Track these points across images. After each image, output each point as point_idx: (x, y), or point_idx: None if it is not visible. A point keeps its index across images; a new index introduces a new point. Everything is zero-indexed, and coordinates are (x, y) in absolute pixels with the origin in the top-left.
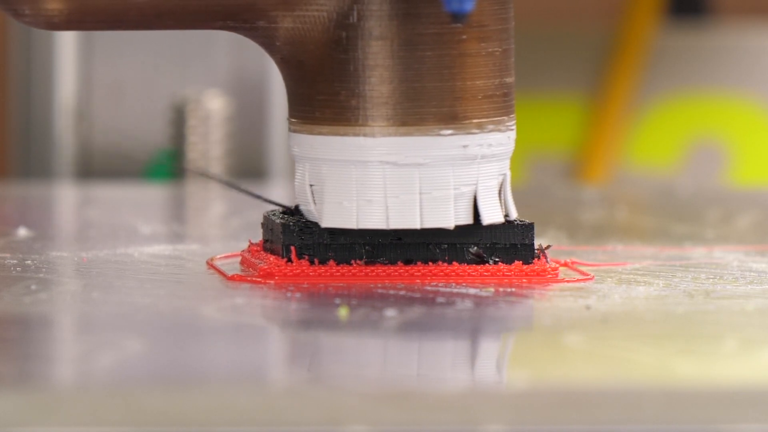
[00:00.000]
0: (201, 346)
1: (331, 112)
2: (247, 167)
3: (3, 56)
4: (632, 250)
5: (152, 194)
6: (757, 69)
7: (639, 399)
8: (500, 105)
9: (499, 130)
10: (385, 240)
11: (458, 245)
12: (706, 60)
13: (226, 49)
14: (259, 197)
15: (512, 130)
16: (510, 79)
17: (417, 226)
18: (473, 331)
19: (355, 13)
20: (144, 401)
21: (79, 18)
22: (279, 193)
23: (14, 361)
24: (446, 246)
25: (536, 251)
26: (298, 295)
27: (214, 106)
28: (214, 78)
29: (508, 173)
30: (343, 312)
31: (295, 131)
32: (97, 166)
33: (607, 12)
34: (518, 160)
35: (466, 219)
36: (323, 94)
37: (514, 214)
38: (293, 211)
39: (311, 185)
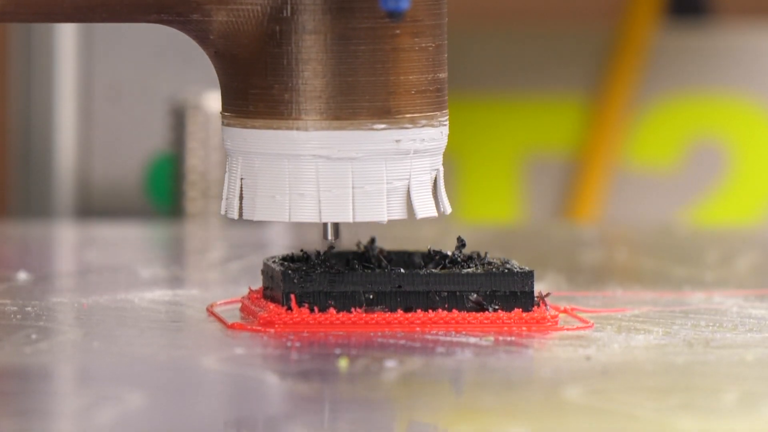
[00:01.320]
0: (201, 401)
1: (265, 106)
2: None
3: (3, 55)
4: (632, 295)
5: (152, 233)
6: (757, 69)
7: None
8: (433, 100)
9: (432, 126)
10: (385, 288)
11: (458, 293)
12: (706, 60)
13: None
14: None
15: (445, 125)
16: (443, 75)
17: (350, 220)
18: (473, 383)
19: (288, 7)
20: None
21: (12, 10)
22: (281, 235)
23: (14, 417)
24: (446, 294)
25: (536, 298)
26: (298, 344)
27: (213, 105)
28: (214, 78)
29: (441, 168)
30: (343, 363)
31: (228, 125)
32: (97, 166)
33: (607, 12)
34: (518, 160)
35: (400, 214)
36: (257, 87)
37: (448, 209)
38: (293, 258)
39: (242, 179)
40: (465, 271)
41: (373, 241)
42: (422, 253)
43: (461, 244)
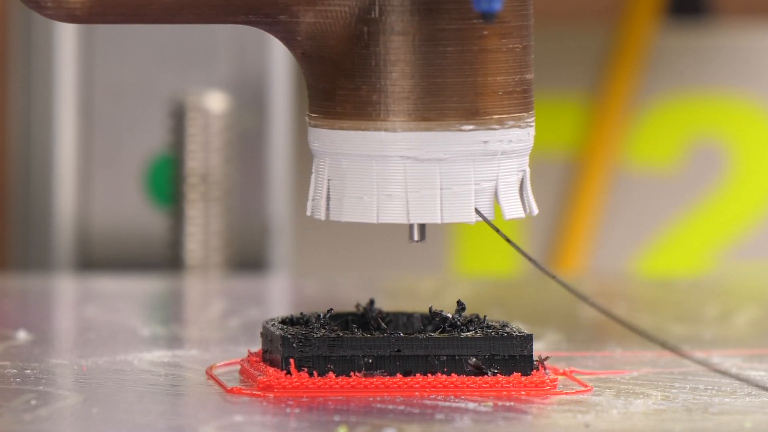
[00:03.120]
0: None
1: (352, 107)
2: (247, 168)
3: (3, 55)
4: (630, 355)
5: (151, 287)
6: (757, 69)
7: None
8: (520, 101)
9: (519, 126)
10: (384, 352)
11: (457, 357)
12: (706, 60)
13: (226, 49)
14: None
15: (532, 126)
16: (530, 76)
17: (438, 221)
18: None
19: (376, 8)
20: None
21: (101, 11)
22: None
23: None
24: (445, 358)
25: (535, 362)
26: (297, 410)
27: (214, 106)
28: (214, 78)
29: (528, 170)
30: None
31: (315, 126)
32: (97, 166)
33: (607, 12)
34: None
35: (488, 215)
36: (344, 89)
37: (535, 211)
38: (292, 320)
39: (329, 180)
40: (464, 334)
41: (372, 302)
42: (422, 314)
43: (461, 307)
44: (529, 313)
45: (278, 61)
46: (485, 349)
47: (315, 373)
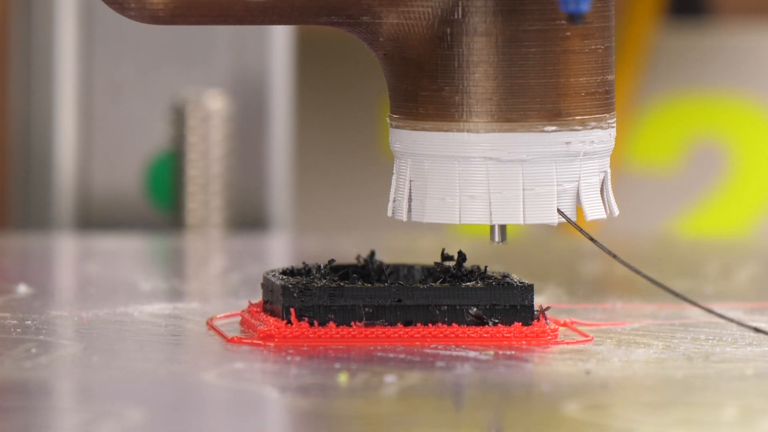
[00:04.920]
0: (201, 417)
1: (435, 108)
2: (248, 167)
3: (3, 56)
4: (631, 308)
5: (151, 246)
6: (757, 69)
7: None
8: (602, 102)
9: (601, 128)
10: (384, 302)
11: (458, 307)
12: (706, 60)
13: (226, 49)
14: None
15: (613, 127)
16: (611, 77)
17: (520, 222)
18: (472, 398)
19: (459, 9)
20: None
21: (184, 12)
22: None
23: None
24: (446, 308)
25: (536, 312)
26: (297, 358)
27: (214, 106)
28: (214, 78)
29: (609, 171)
30: (342, 378)
31: (397, 127)
32: (97, 166)
33: None
34: None
35: (569, 216)
36: (427, 90)
37: (616, 212)
38: (293, 272)
39: (411, 181)
40: (465, 285)
41: (372, 254)
42: (423, 266)
43: (462, 258)
44: (530, 269)
45: (278, 61)
46: (486, 299)
47: (315, 322)
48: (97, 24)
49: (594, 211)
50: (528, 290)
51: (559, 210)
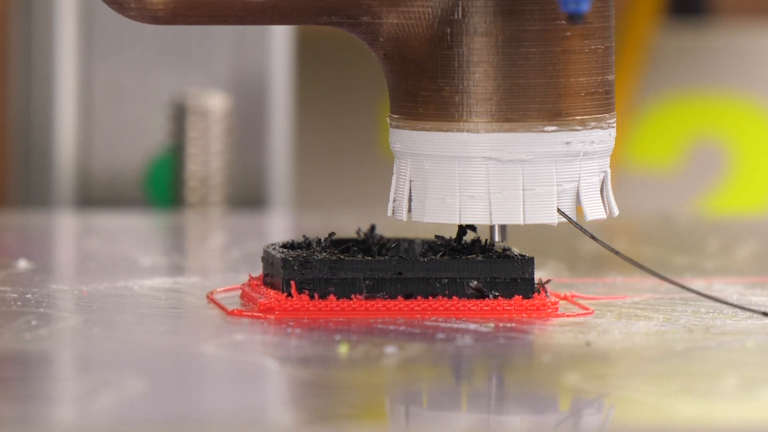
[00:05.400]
0: (201, 387)
1: (435, 108)
2: (247, 167)
3: (3, 55)
4: (632, 282)
5: (152, 223)
6: (757, 69)
7: None
8: (602, 102)
9: (601, 128)
10: (385, 274)
11: (458, 280)
12: (706, 60)
13: (226, 49)
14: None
15: (613, 127)
16: (611, 77)
17: (520, 222)
18: (473, 368)
19: (459, 9)
20: None
21: (184, 12)
22: (281, 222)
23: (15, 401)
24: (446, 280)
25: (536, 285)
26: (298, 330)
27: (214, 106)
28: (214, 78)
29: (608, 171)
30: (343, 349)
31: (397, 127)
32: (97, 165)
33: None
34: None
35: (569, 216)
36: (427, 90)
37: (616, 212)
38: (293, 245)
39: (411, 181)
40: (465, 258)
41: (373, 228)
42: (423, 240)
43: (462, 231)
44: (531, 246)
45: (278, 61)
46: (486, 271)
47: (316, 295)
48: (97, 24)
49: (594, 211)
50: (528, 263)
51: (559, 209)
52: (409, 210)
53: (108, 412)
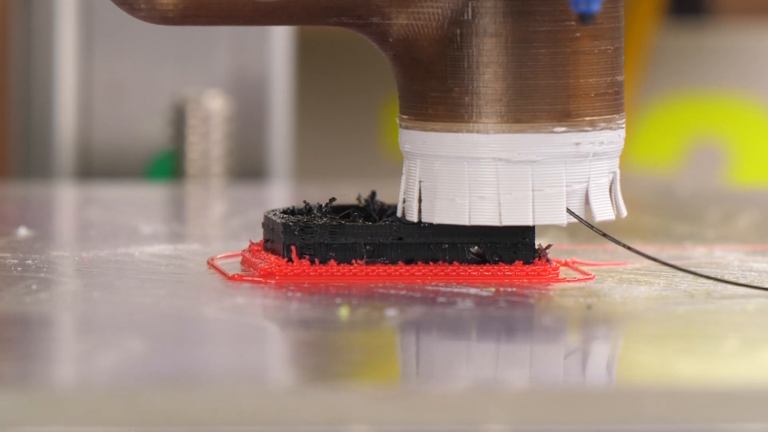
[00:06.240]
0: (202, 347)
1: (444, 109)
2: (247, 167)
3: (3, 55)
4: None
5: (153, 194)
6: (757, 69)
7: (640, 399)
8: (612, 103)
9: (611, 128)
10: (385, 240)
11: (459, 245)
12: (706, 60)
13: (226, 49)
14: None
15: (622, 128)
16: (620, 78)
17: (530, 222)
18: (473, 331)
19: (469, 10)
20: (145, 401)
21: (194, 13)
22: (281, 194)
23: (15, 361)
24: (447, 245)
25: (537, 251)
26: (298, 294)
27: (214, 106)
28: (214, 78)
29: (618, 171)
30: (343, 312)
31: (406, 128)
32: (97, 165)
33: None
34: None
35: (578, 216)
36: (436, 90)
37: (624, 212)
38: (293, 211)
39: (421, 181)
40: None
41: (373, 194)
42: None
43: None
44: None
45: (278, 61)
46: (487, 237)
47: (316, 260)
48: (97, 24)
49: (603, 211)
50: (529, 228)
51: (568, 210)
52: (419, 211)
53: (109, 371)
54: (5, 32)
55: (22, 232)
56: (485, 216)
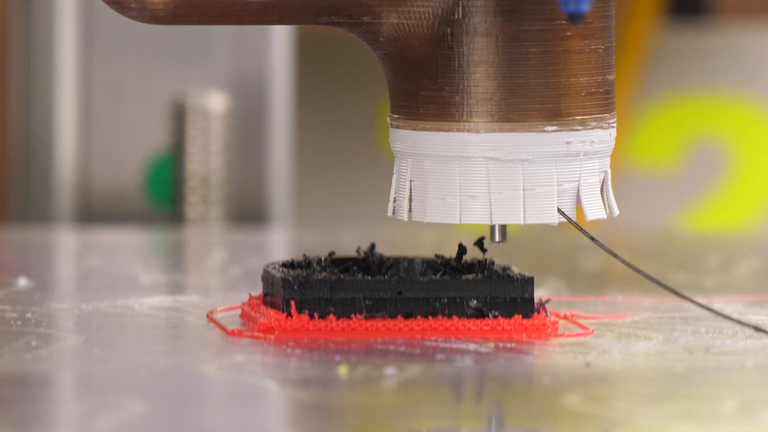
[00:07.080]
0: (202, 408)
1: (435, 108)
2: (247, 167)
3: (3, 55)
4: (632, 301)
5: (152, 240)
6: (757, 69)
7: None
8: (602, 102)
9: (601, 127)
10: (385, 294)
11: (458, 299)
12: (706, 60)
13: (226, 49)
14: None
15: (613, 127)
16: (611, 77)
17: (521, 222)
18: (472, 390)
19: (460, 9)
20: None
21: (185, 12)
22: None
23: (14, 425)
24: (446, 300)
25: (536, 305)
26: (298, 351)
27: (214, 106)
28: (214, 78)
29: (609, 171)
30: (343, 370)
31: (397, 127)
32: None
33: None
34: None
35: (570, 216)
36: (427, 90)
37: (616, 212)
38: (293, 264)
39: (411, 180)
40: (465, 277)
41: (373, 247)
42: (423, 258)
43: (462, 251)
44: (531, 263)
45: (278, 61)
46: (486, 291)
47: (316, 315)
48: (97, 24)
49: (594, 211)
50: (528, 282)
51: (559, 209)
52: (410, 210)
53: None
54: (5, 32)
55: (22, 282)
56: (476, 215)
